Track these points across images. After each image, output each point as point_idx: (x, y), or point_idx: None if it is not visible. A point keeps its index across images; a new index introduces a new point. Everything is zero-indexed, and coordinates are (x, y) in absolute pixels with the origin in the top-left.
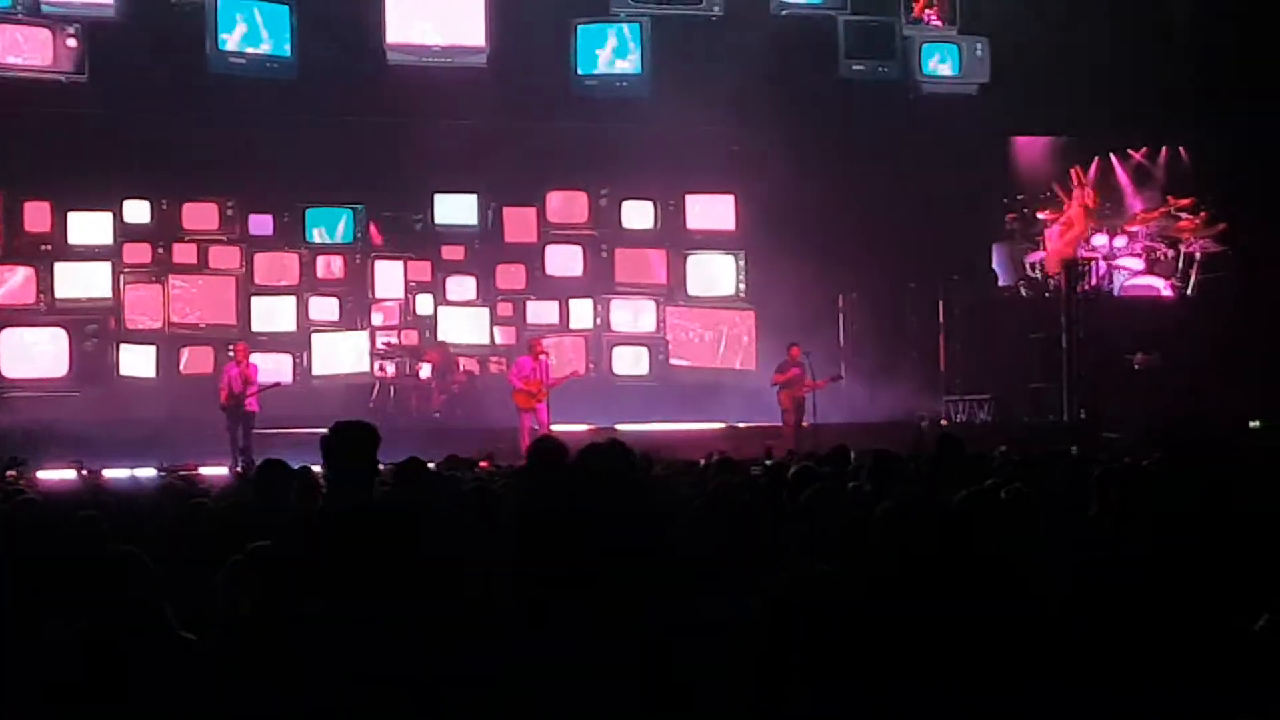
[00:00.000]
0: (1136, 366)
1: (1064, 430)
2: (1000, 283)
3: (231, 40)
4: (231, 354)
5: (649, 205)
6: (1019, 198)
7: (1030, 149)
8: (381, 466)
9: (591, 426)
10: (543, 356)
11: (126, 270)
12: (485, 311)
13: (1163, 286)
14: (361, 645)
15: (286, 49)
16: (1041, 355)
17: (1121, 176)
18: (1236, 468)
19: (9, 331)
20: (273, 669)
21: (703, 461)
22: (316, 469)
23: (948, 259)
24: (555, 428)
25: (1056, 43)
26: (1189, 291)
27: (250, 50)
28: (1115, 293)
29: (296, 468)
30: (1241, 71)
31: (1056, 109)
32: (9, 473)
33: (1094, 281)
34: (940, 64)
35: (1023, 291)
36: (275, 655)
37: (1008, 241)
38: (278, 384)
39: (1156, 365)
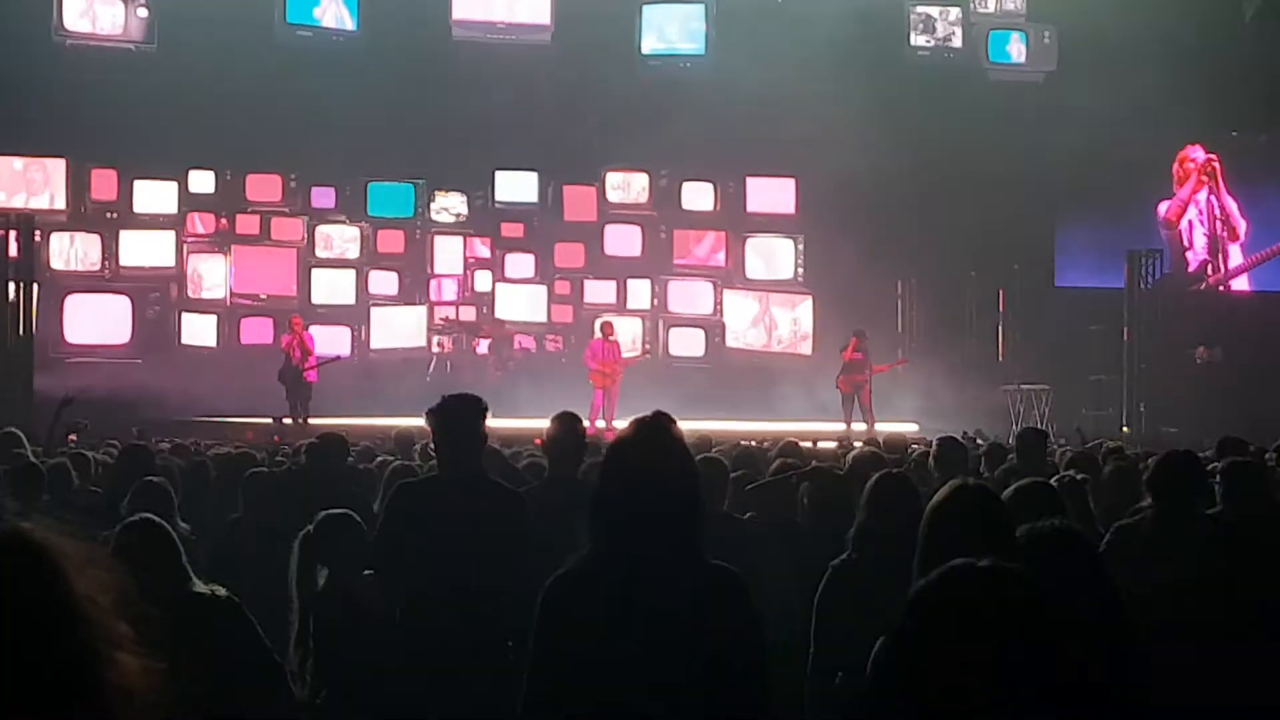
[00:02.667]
0: (1198, 360)
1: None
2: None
3: (299, 13)
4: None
5: (709, 187)
6: None
7: None
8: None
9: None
10: (612, 338)
11: (190, 240)
12: (543, 289)
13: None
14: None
15: (353, 22)
16: (1102, 347)
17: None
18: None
19: (74, 298)
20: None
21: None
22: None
23: (1009, 248)
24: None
25: (1126, 32)
26: None
27: (317, 24)
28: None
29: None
30: None
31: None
32: (70, 436)
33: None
34: (1008, 50)
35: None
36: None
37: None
38: (338, 357)
39: (1218, 360)
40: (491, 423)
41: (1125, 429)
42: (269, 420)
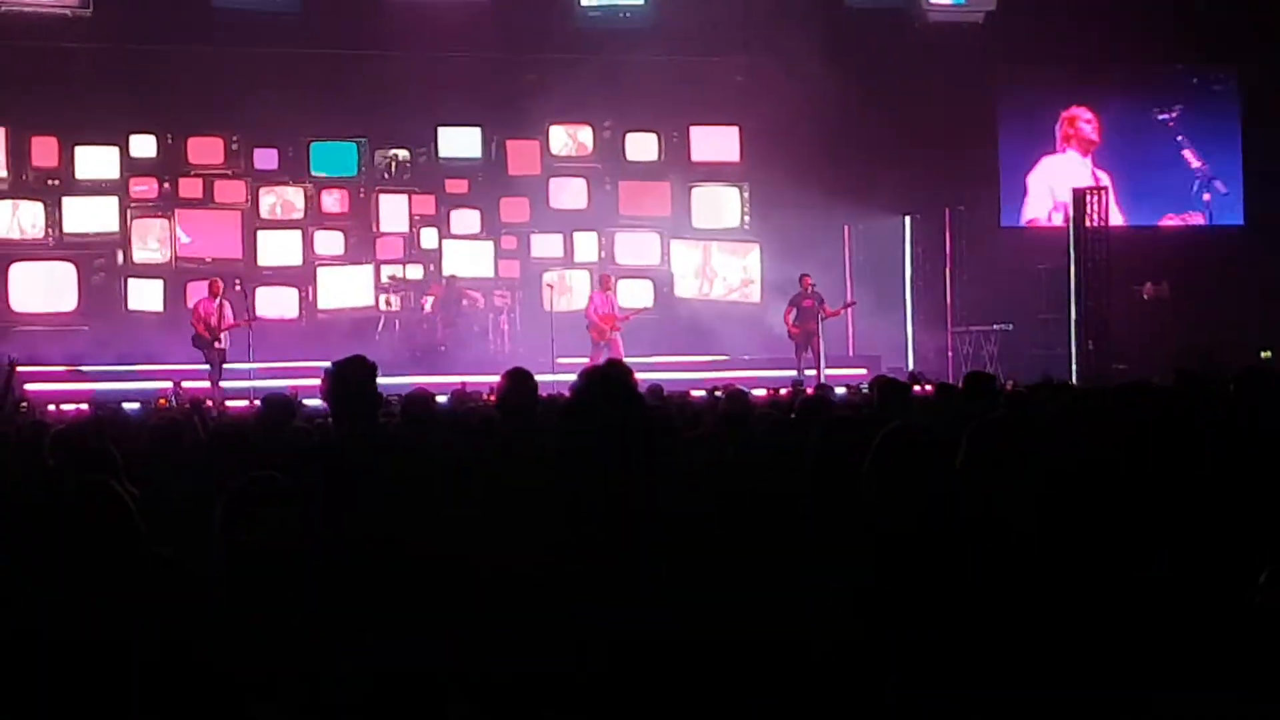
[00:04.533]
0: (1145, 297)
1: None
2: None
3: None
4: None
5: (653, 137)
6: None
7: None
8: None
9: (592, 359)
10: (610, 291)
11: (133, 205)
12: (490, 245)
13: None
14: (367, 574)
15: None
16: (1049, 287)
17: None
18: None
19: (19, 266)
20: (275, 597)
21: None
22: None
23: (952, 190)
24: (560, 360)
25: None
26: None
27: None
28: None
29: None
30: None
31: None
32: (22, 405)
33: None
34: None
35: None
36: (279, 583)
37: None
38: (247, 323)
39: (1165, 296)
40: (441, 379)
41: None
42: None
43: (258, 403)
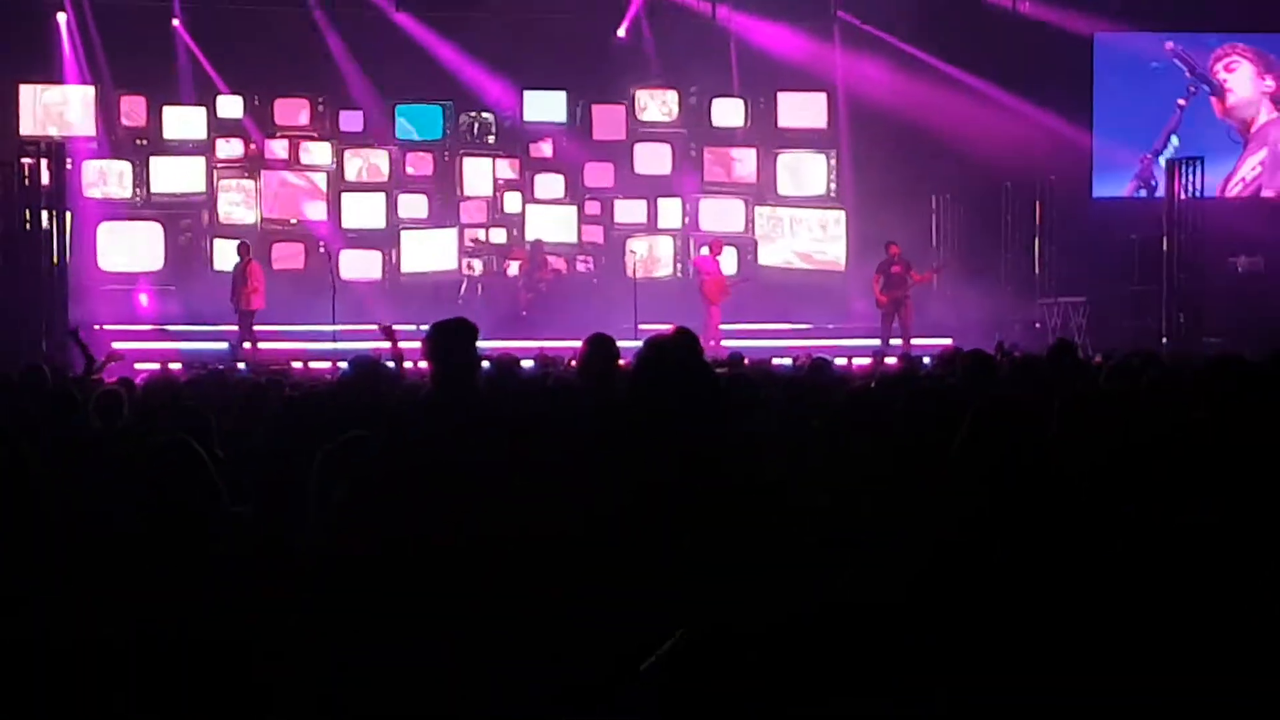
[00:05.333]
0: (1240, 270)
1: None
2: None
3: None
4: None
5: (739, 103)
6: None
7: None
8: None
9: (675, 326)
10: (719, 257)
11: (220, 165)
12: (573, 210)
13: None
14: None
15: None
16: (1141, 258)
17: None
18: None
19: (106, 225)
20: (369, 558)
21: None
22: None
23: (1045, 160)
24: (643, 327)
25: None
26: None
27: None
28: None
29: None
30: None
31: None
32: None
33: None
34: None
35: None
36: (373, 543)
37: None
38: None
39: (1259, 269)
40: (523, 343)
41: None
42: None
43: (342, 365)
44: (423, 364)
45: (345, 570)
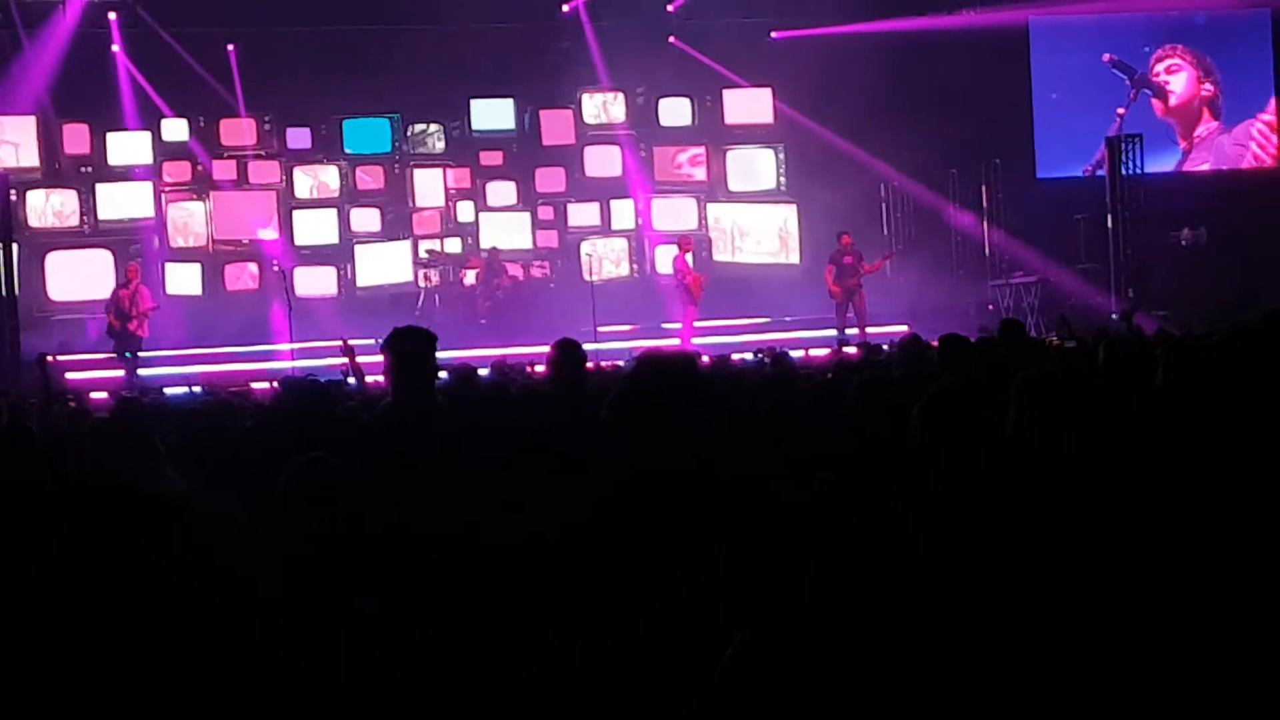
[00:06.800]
0: (1183, 244)
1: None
2: None
3: None
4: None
5: (686, 102)
6: None
7: None
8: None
9: (634, 326)
10: (689, 255)
11: (168, 189)
12: (526, 216)
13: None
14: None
15: None
16: (1087, 236)
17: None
18: None
19: (55, 255)
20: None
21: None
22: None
23: (989, 143)
24: (601, 329)
25: None
26: None
27: None
28: None
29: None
30: None
31: None
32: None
33: None
34: None
35: None
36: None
37: None
38: (156, 307)
39: (1202, 241)
40: (483, 352)
41: None
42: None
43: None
44: (381, 379)
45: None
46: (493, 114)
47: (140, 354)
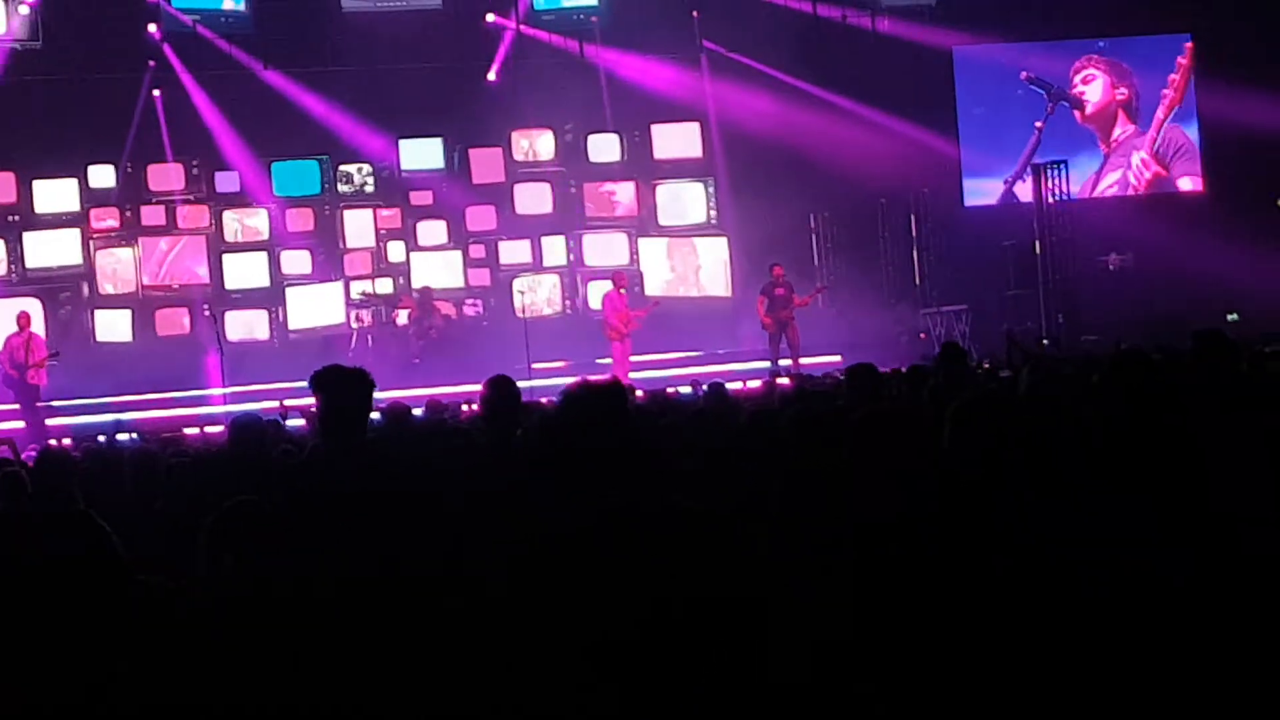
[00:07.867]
0: (1111, 268)
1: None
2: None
3: None
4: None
5: (614, 138)
6: None
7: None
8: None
9: (568, 362)
10: (623, 290)
11: (96, 236)
12: (458, 254)
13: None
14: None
15: (241, 2)
16: (1015, 263)
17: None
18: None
19: None
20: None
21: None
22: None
23: (917, 174)
24: (535, 366)
25: None
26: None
27: (205, 6)
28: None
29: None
30: None
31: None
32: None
33: None
34: None
35: None
36: (270, 610)
37: None
38: (56, 354)
39: (1129, 265)
40: (417, 391)
41: None
42: None
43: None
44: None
45: (244, 629)
46: (422, 154)
47: (75, 401)
